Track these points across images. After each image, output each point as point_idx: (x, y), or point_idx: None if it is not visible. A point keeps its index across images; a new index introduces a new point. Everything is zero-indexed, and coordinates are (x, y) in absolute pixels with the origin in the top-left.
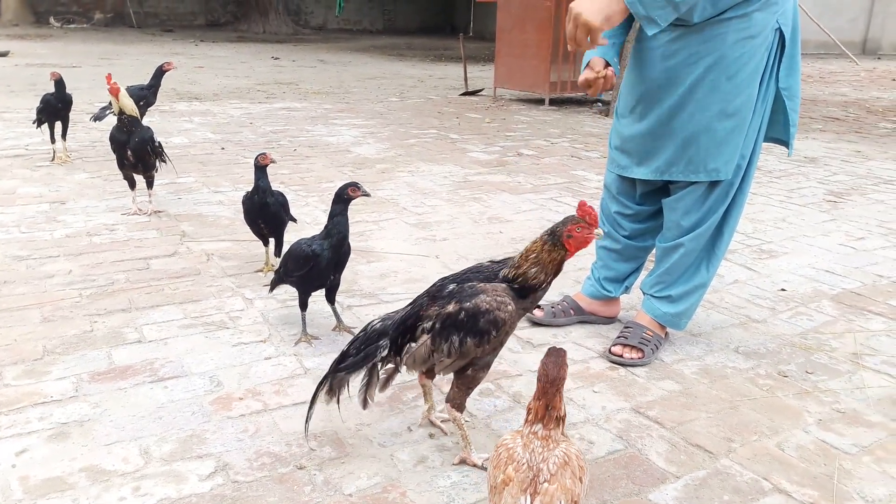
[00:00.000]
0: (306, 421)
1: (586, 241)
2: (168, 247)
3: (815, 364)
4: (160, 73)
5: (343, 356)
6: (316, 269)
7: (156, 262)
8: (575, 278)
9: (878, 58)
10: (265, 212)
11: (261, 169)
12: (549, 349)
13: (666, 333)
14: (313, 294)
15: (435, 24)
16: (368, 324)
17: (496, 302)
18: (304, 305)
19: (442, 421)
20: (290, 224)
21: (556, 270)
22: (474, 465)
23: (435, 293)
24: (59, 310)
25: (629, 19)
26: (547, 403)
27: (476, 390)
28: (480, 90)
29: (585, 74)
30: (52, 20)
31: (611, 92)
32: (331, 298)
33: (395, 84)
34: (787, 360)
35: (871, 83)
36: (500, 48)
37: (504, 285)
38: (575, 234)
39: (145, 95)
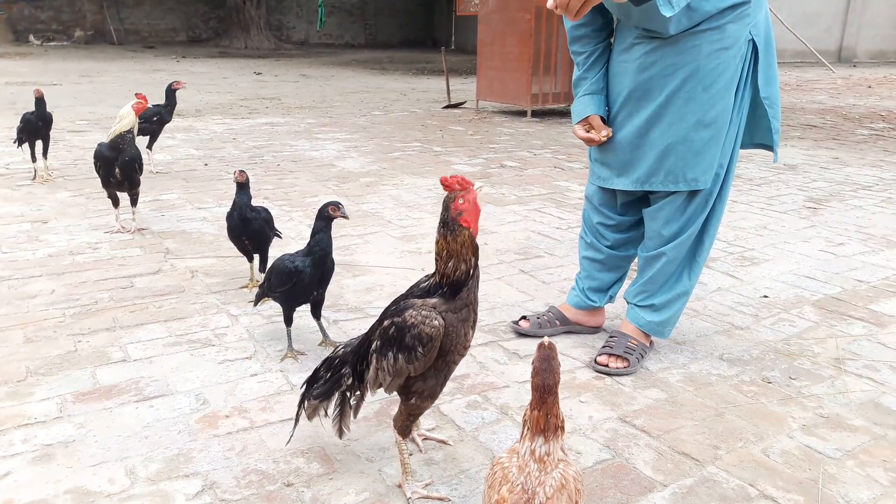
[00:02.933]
0: (291, 433)
1: (475, 206)
2: (152, 264)
3: (798, 370)
4: (171, 92)
5: (315, 376)
6: (299, 284)
7: (140, 280)
8: (560, 289)
9: (854, 65)
10: (248, 228)
11: (240, 185)
12: (539, 346)
13: (651, 342)
14: (299, 309)
15: (416, 38)
16: (339, 346)
17: (421, 316)
18: (288, 321)
19: (424, 439)
20: (275, 239)
21: (474, 251)
22: (406, 496)
23: (381, 319)
24: (42, 330)
25: (607, 36)
26: (547, 412)
27: (463, 402)
28: (463, 103)
29: (587, 135)
30: (31, 38)
31: None
32: (316, 314)
33: (377, 98)
34: (771, 366)
35: (847, 90)
36: (482, 61)
37: (435, 300)
38: (461, 208)
39: (159, 112)
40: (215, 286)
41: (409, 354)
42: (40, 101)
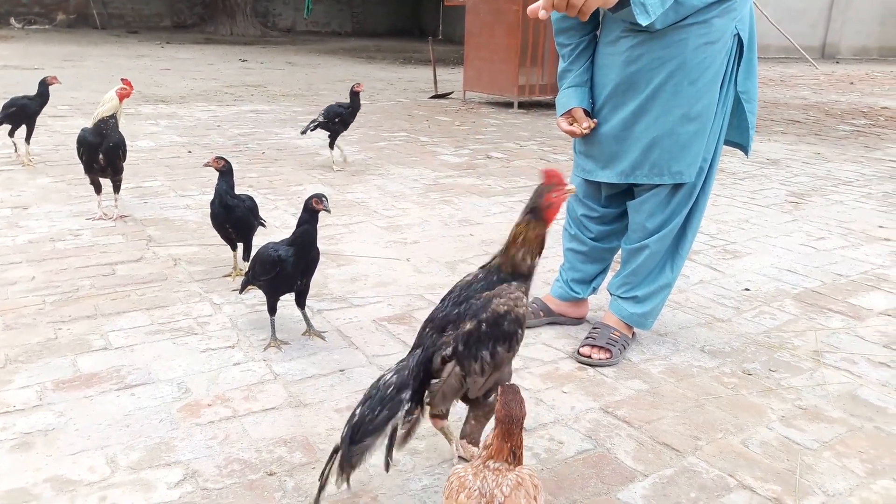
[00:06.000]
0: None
1: (560, 203)
2: (134, 252)
3: (778, 362)
4: (354, 94)
5: (359, 424)
6: (282, 273)
7: (121, 267)
8: (544, 280)
9: (837, 62)
10: (231, 216)
11: (221, 172)
12: (504, 387)
13: (633, 333)
14: (283, 299)
15: (404, 27)
16: (379, 379)
17: (511, 300)
18: (272, 310)
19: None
20: (260, 228)
21: (541, 247)
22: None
23: (440, 326)
24: (21, 317)
25: (593, 28)
26: (512, 445)
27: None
28: (450, 93)
29: (569, 128)
30: (12, 21)
31: None
32: (300, 303)
33: (364, 86)
34: (752, 358)
35: (829, 87)
36: (469, 52)
37: (514, 283)
38: (553, 201)
39: (341, 113)
40: (198, 274)
41: (510, 342)
42: (47, 89)
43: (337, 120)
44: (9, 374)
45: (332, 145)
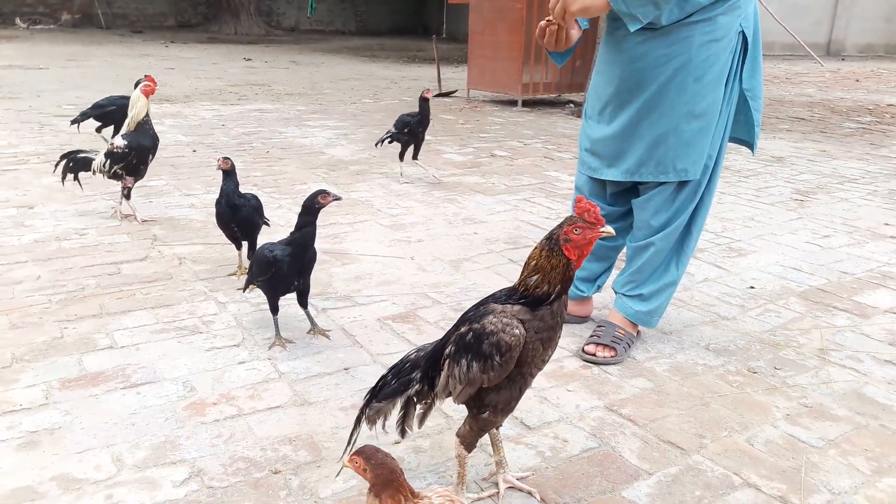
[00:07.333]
0: (347, 449)
1: (589, 243)
2: (139, 251)
3: (783, 360)
4: (423, 101)
5: (381, 385)
6: (278, 274)
7: (127, 266)
8: None
9: (842, 59)
10: (237, 215)
11: (225, 172)
12: (362, 453)
13: (638, 332)
14: (288, 297)
15: (407, 26)
16: (409, 352)
17: (501, 324)
18: (274, 309)
19: (509, 488)
20: (264, 227)
21: (563, 279)
22: None
23: (461, 321)
24: (27, 316)
25: None
26: (405, 495)
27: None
28: (454, 91)
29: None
30: (17, 21)
31: (583, 94)
32: (302, 303)
33: (368, 85)
34: (756, 356)
35: (835, 84)
36: (473, 50)
37: (518, 307)
38: (573, 235)
39: (409, 122)
40: (203, 273)
41: (486, 363)
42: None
43: (406, 130)
44: (15, 373)
45: (402, 157)
